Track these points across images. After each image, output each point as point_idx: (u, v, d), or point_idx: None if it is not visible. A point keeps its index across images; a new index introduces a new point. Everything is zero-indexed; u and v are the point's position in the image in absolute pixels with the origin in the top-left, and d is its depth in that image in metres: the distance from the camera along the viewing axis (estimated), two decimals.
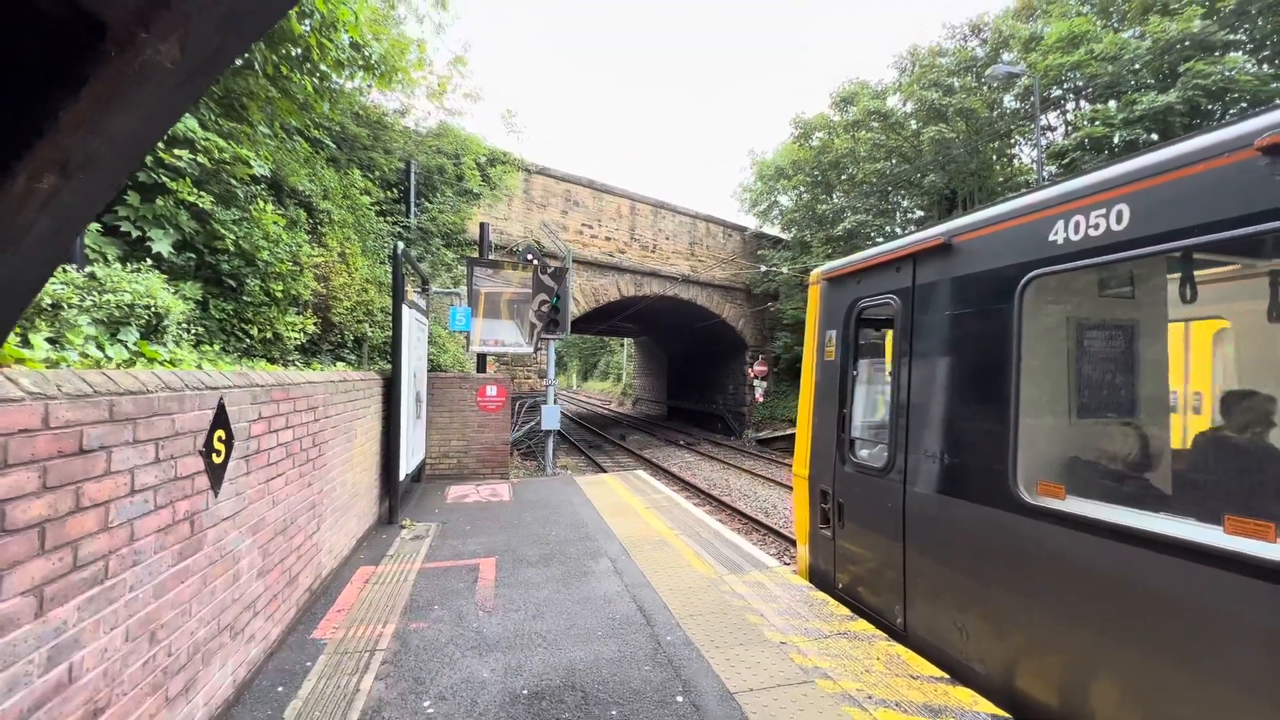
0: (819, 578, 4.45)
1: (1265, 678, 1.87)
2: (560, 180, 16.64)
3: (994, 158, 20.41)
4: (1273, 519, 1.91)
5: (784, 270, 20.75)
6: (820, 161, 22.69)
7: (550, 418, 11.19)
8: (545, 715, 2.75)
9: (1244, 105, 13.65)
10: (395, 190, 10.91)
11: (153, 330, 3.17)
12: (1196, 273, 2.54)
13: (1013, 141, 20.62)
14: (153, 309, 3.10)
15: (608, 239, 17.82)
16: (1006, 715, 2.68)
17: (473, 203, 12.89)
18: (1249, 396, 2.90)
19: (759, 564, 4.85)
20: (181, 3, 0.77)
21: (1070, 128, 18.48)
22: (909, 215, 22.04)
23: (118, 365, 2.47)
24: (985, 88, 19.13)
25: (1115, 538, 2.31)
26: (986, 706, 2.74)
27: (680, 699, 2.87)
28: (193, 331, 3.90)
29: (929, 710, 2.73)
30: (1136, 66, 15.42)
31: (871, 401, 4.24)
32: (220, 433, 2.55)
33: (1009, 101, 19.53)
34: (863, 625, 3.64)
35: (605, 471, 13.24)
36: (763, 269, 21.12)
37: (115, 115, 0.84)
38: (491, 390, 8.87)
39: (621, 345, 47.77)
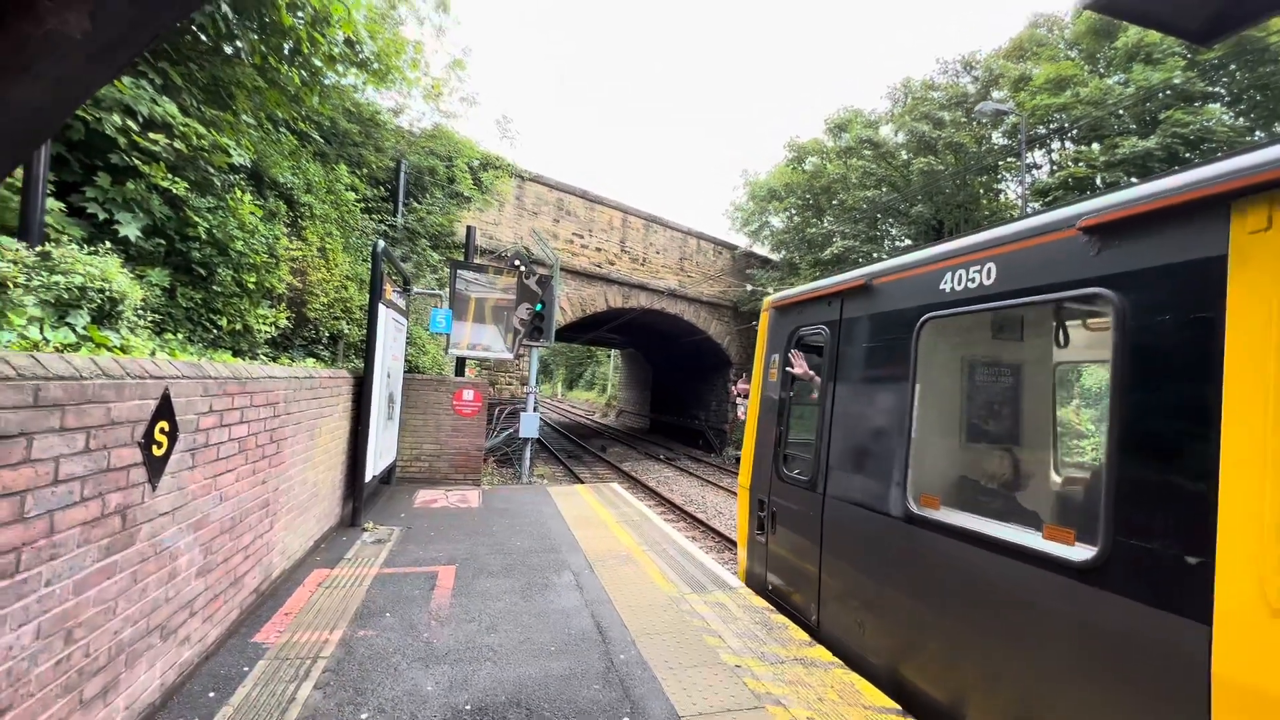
0: (754, 580, 4.82)
1: (1069, 655, 2.25)
2: (553, 189, 16.67)
3: (980, 191, 20.82)
4: (1073, 528, 2.40)
5: (771, 290, 20.90)
6: (812, 185, 23.00)
7: (529, 425, 11.08)
8: None
9: (1219, 154, 14.08)
10: (384, 188, 10.84)
11: (106, 315, 3.07)
12: (1069, 322, 3.00)
13: (999, 176, 21.06)
14: (106, 293, 3.00)
15: (598, 249, 17.85)
16: None
17: (463, 206, 12.84)
18: (1063, 430, 3.48)
19: (723, 584, 4.79)
20: None
21: (1055, 166, 18.93)
22: (897, 243, 22.36)
23: (59, 349, 2.38)
24: (974, 123, 19.56)
25: (970, 541, 2.74)
26: None
27: None
28: (152, 320, 3.79)
29: None
30: (1120, 112, 15.87)
31: (805, 420, 4.55)
32: (163, 424, 2.46)
33: (997, 138, 19.99)
34: (819, 652, 3.60)
35: (582, 482, 13.13)
36: (750, 288, 21.26)
37: (15, 84, 0.79)
38: (468, 395, 8.77)
39: (608, 356, 47.71)
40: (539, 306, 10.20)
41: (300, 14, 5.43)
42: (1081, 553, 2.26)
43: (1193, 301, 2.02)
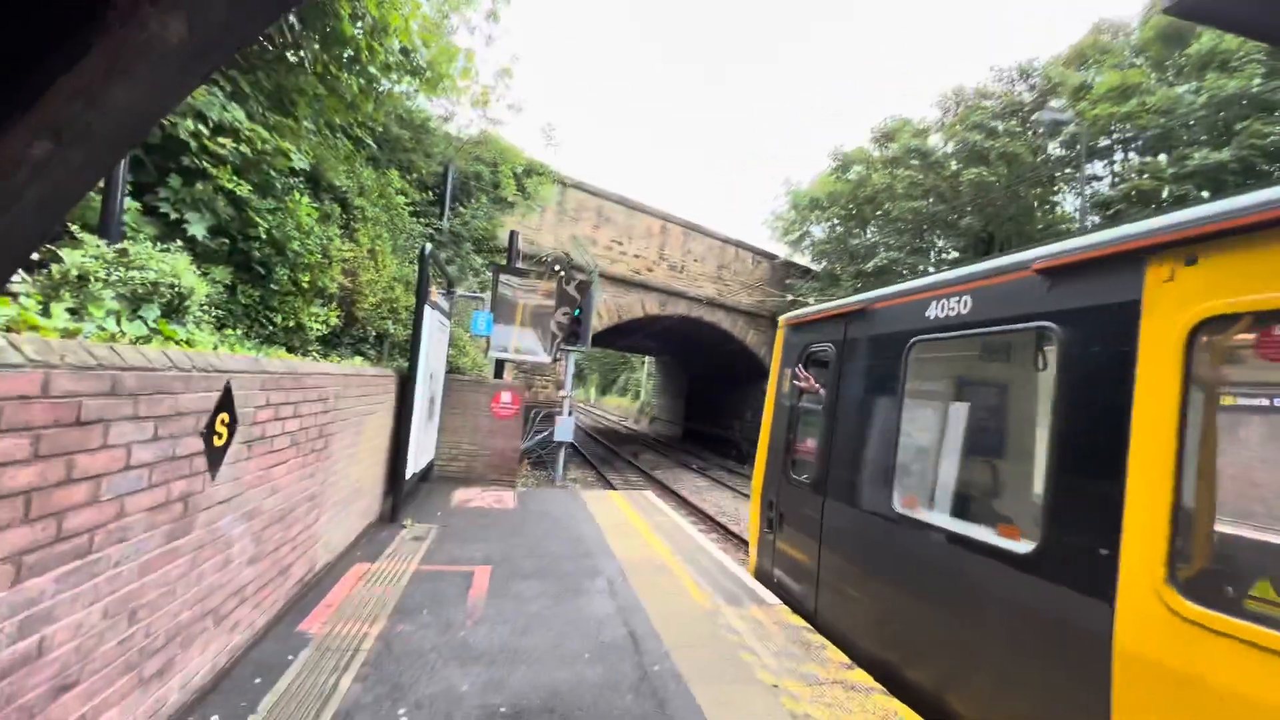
0: (762, 574, 5.31)
1: (1014, 629, 2.67)
2: (593, 195, 16.82)
3: (1035, 204, 20.05)
4: (1018, 525, 3.03)
5: (811, 301, 20.57)
6: (856, 195, 22.58)
7: (564, 430, 11.16)
8: None
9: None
10: (431, 193, 11.14)
11: (174, 310, 3.22)
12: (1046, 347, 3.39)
13: (1056, 189, 20.25)
14: (176, 289, 3.15)
15: (636, 256, 17.90)
16: None
17: (506, 211, 13.09)
18: (1020, 444, 3.91)
19: (758, 599, 4.69)
20: None
21: (1117, 178, 18.08)
22: (944, 255, 21.72)
23: (133, 341, 2.51)
24: (1030, 133, 18.88)
25: (935, 535, 3.29)
26: None
27: None
28: (214, 315, 3.96)
29: None
30: (1191, 122, 15.07)
31: (811, 428, 4.99)
32: (224, 416, 2.56)
33: (1054, 148, 19.22)
34: (859, 675, 3.48)
35: (614, 488, 13.13)
36: (789, 298, 20.96)
37: (115, 88, 0.82)
38: (506, 397, 8.88)
39: (642, 363, 47.75)
40: (577, 312, 10.29)
41: (360, 24, 5.63)
42: (1024, 546, 2.72)
43: (1116, 337, 2.40)
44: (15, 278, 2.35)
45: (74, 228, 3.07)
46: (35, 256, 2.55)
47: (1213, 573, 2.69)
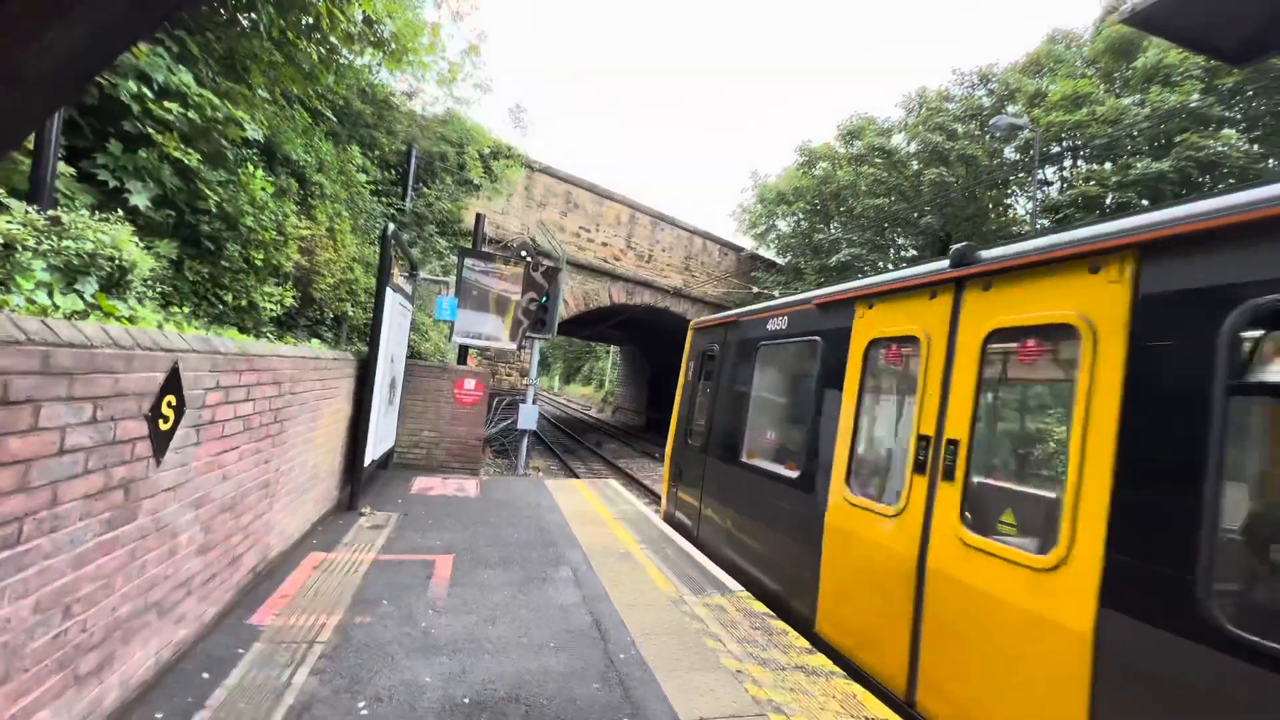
0: (668, 516, 7.32)
1: (791, 522, 4.52)
2: (562, 181, 16.58)
3: (990, 206, 20.77)
4: (795, 462, 4.76)
5: (775, 294, 20.83)
6: (821, 191, 22.93)
7: (527, 417, 11.03)
8: None
9: (1232, 180, 14.04)
10: (394, 171, 10.76)
11: (115, 284, 3.00)
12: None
13: (1010, 192, 21.02)
14: (117, 261, 2.93)
15: (604, 244, 17.76)
16: None
17: (472, 193, 12.76)
18: (804, 414, 5.03)
19: (722, 586, 4.75)
20: None
21: (1066, 184, 18.88)
22: (903, 253, 22.31)
23: (68, 315, 2.32)
24: (988, 136, 19.50)
25: (760, 474, 5.19)
26: None
27: None
28: (159, 291, 3.73)
29: None
30: (1134, 133, 15.82)
31: (702, 408, 6.79)
32: (170, 398, 2.40)
33: (1009, 153, 19.92)
34: (821, 660, 3.56)
35: (578, 477, 13.08)
36: (755, 290, 21.18)
37: (50, 27, 0.74)
38: (470, 384, 8.71)
39: (607, 352, 47.61)
40: (544, 299, 10.14)
41: None
42: (794, 474, 4.64)
43: (841, 347, 4.21)
44: None
45: None
46: None
47: (866, 477, 4.26)
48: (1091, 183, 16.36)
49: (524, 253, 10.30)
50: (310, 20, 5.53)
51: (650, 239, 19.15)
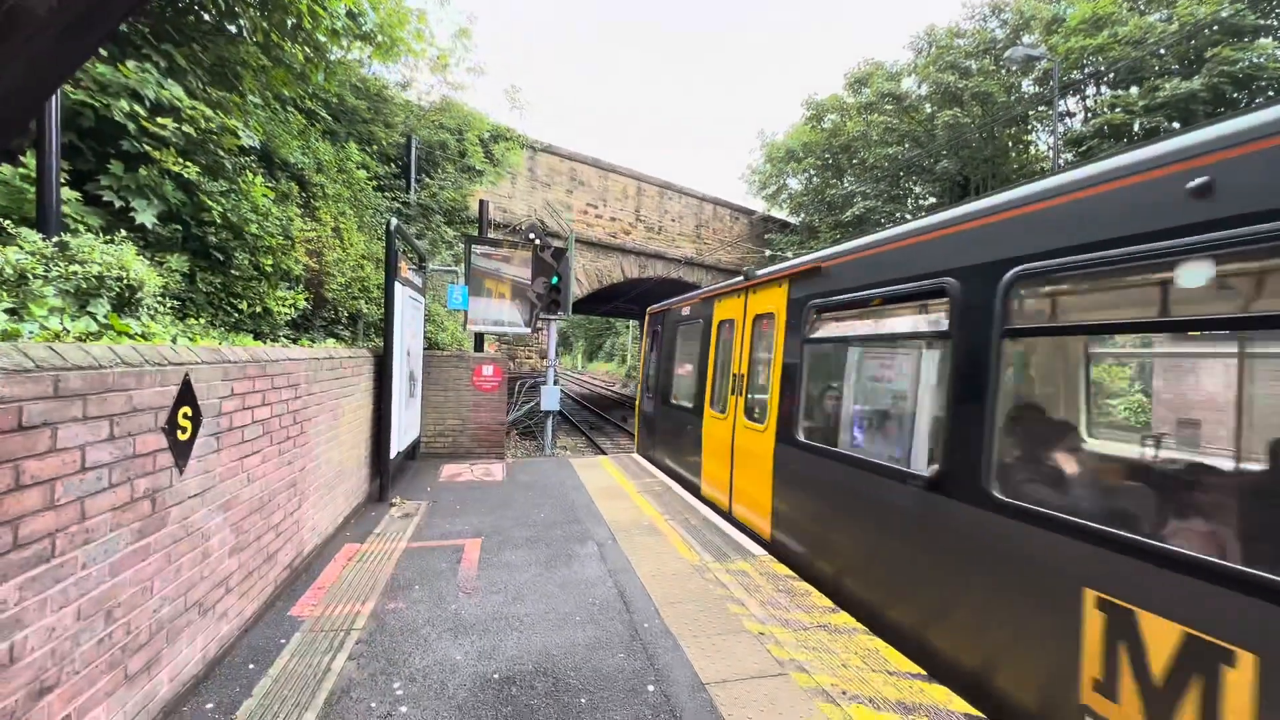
0: (640, 447, 9.77)
1: (690, 433, 7.19)
2: (565, 159, 16.41)
3: (1010, 144, 19.94)
4: (690, 397, 7.44)
5: (789, 255, 20.49)
6: (831, 144, 22.29)
7: (550, 398, 11.16)
8: (514, 701, 2.73)
9: (1270, 93, 13.20)
10: (395, 165, 10.76)
11: (126, 303, 3.11)
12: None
13: (1030, 127, 20.12)
14: (125, 281, 3.03)
15: (613, 219, 17.62)
16: (980, 715, 2.64)
17: (475, 180, 12.72)
18: (701, 367, 7.24)
19: (745, 552, 4.81)
20: None
21: (1090, 114, 17.98)
22: (920, 201, 21.64)
23: (80, 338, 2.42)
24: (1003, 71, 18.61)
25: (677, 408, 7.83)
26: (960, 705, 2.70)
27: (651, 688, 2.84)
28: (171, 305, 3.83)
29: (903, 708, 2.69)
30: (1161, 51, 14.93)
31: (656, 369, 9.18)
32: (186, 409, 2.50)
33: (1027, 86, 19.01)
34: (844, 618, 3.60)
35: (604, 453, 13.24)
36: (768, 253, 20.86)
37: None
38: (488, 370, 8.83)
39: (627, 326, 47.61)
40: (555, 279, 10.15)
41: None
42: (690, 404, 7.29)
43: (707, 328, 6.96)
44: None
45: (7, 223, 2.92)
46: None
47: (718, 400, 6.46)
48: (1117, 110, 15.56)
49: (531, 235, 10.29)
50: (293, 20, 5.50)
51: (659, 209, 18.92)
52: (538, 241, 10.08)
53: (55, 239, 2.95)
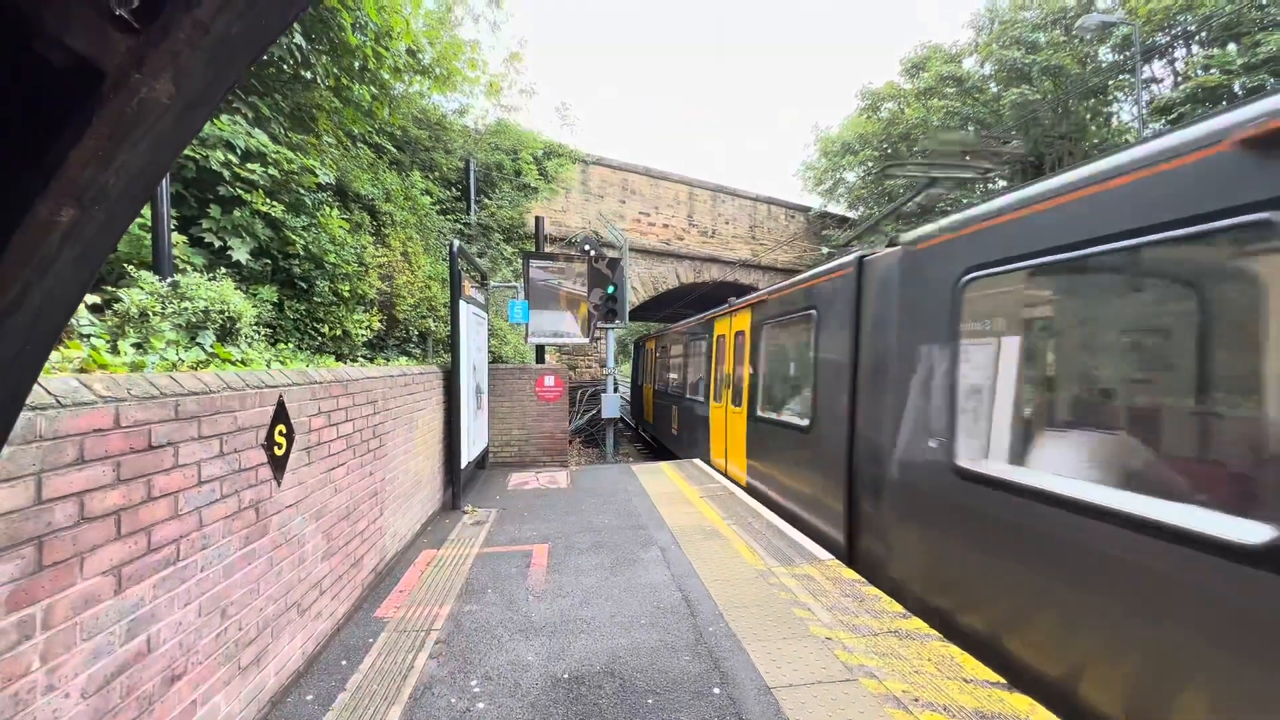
0: (638, 421, 18.64)
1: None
2: (617, 170, 16.68)
3: (1089, 118, 18.60)
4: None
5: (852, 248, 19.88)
6: (889, 134, 21.53)
7: (610, 406, 11.35)
8: (583, 699, 2.83)
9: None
10: (455, 188, 11.31)
11: (228, 333, 3.47)
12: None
13: (1110, 99, 18.70)
14: (226, 313, 3.39)
15: (665, 225, 17.73)
16: None
17: (531, 197, 13.17)
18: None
19: (810, 556, 4.74)
20: (169, 44, 0.83)
21: (1180, 78, 16.53)
22: (991, 185, 20.49)
23: (192, 366, 2.73)
24: (1076, 40, 17.42)
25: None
26: (1044, 715, 2.57)
27: (717, 691, 2.87)
28: (266, 332, 4.22)
29: (980, 716, 2.59)
30: (1264, 2, 13.56)
31: (642, 373, 17.06)
32: (281, 427, 2.76)
33: (1105, 54, 17.69)
34: (916, 624, 3.49)
35: (670, 458, 13.29)
36: (825, 250, 20.34)
37: (121, 150, 0.92)
38: (549, 380, 9.09)
39: None
40: (610, 289, 10.35)
41: (363, 32, 5.73)
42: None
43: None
44: (84, 320, 2.59)
45: (129, 267, 3.33)
46: (98, 300, 2.79)
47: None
48: (1212, 71, 14.23)
49: (586, 246, 10.54)
50: (360, 62, 5.93)
51: (712, 213, 18.88)
52: (593, 253, 10.31)
53: (169, 279, 3.34)
